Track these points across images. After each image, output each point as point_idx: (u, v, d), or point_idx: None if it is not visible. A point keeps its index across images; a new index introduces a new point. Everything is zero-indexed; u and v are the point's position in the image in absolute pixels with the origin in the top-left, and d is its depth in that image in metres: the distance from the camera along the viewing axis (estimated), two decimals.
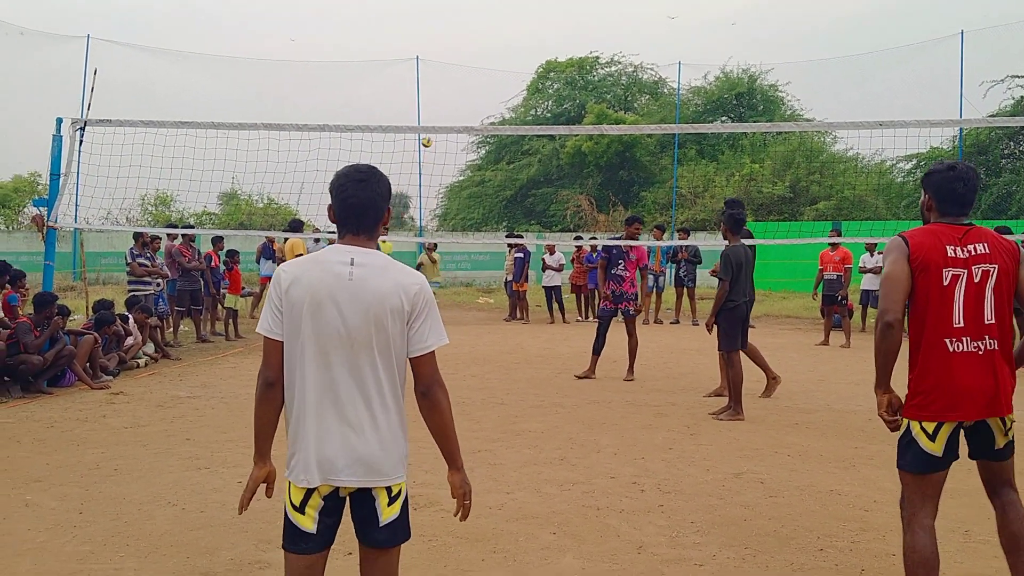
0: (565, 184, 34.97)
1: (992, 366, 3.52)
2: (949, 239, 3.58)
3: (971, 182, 3.66)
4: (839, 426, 7.94)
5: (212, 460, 6.46)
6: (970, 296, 3.52)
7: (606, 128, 22.32)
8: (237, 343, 14.49)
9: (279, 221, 31.11)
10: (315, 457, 2.94)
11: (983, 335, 3.52)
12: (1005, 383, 3.53)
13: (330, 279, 2.87)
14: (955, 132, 28.32)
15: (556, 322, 18.62)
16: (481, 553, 4.54)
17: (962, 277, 3.53)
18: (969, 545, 4.72)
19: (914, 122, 9.94)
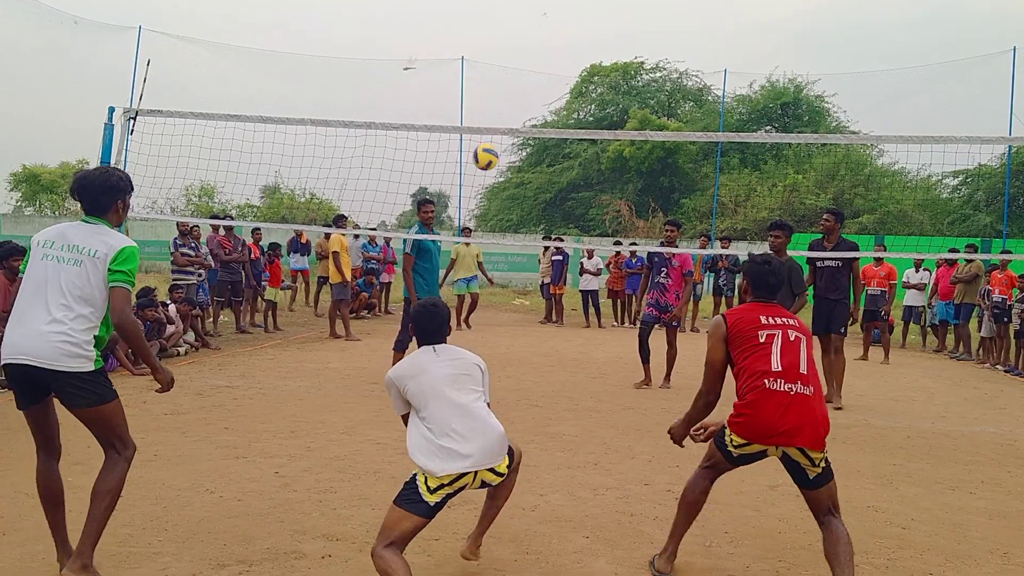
0: (605, 189, 34.92)
1: (803, 407, 4.07)
2: (762, 312, 4.30)
3: (780, 275, 4.44)
4: (878, 442, 7.84)
5: (250, 450, 6.53)
6: (785, 350, 4.13)
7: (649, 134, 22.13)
8: (276, 335, 14.63)
9: (320, 216, 31.39)
10: None
11: (797, 380, 4.07)
12: (816, 423, 4.10)
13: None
14: (1003, 149, 27.85)
15: (592, 326, 18.58)
16: (514, 554, 4.55)
17: (778, 335, 4.18)
18: (1008, 567, 4.64)
19: (963, 138, 9.74)
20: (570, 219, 35.49)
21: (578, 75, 39.29)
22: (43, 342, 3.88)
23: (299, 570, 4.23)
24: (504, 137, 32.36)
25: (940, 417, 9.31)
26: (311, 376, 10.34)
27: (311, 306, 18.71)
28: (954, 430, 8.58)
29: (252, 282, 14.83)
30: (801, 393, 4.08)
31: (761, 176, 31.96)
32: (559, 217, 36.06)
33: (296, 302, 19.15)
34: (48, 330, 3.90)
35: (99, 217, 4.17)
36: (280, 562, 4.32)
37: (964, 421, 9.12)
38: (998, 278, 14.24)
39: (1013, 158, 27.79)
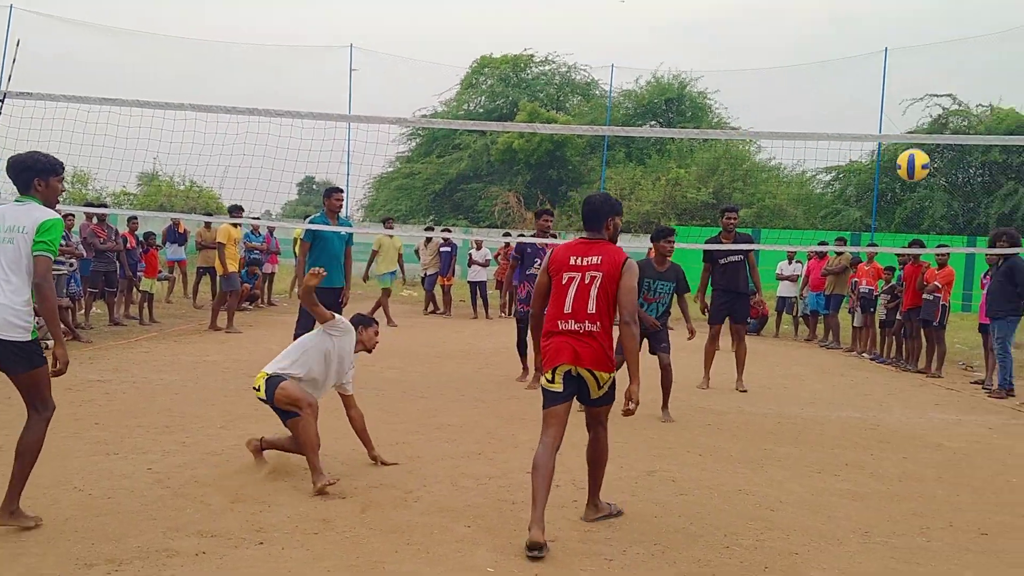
0: (494, 180, 35.03)
1: (587, 340, 4.82)
2: (576, 251, 5.00)
3: (591, 209, 5.11)
4: (749, 428, 8.14)
5: (121, 446, 6.32)
6: (579, 292, 4.86)
7: (538, 126, 22.39)
8: (152, 327, 14.16)
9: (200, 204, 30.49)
10: None
11: (584, 320, 4.83)
12: (598, 349, 4.82)
13: None
14: (874, 147, 29.21)
15: (479, 318, 18.66)
16: (394, 545, 4.55)
17: (576, 278, 4.90)
18: (868, 546, 4.89)
19: (835, 135, 10.21)
20: (459, 210, 35.48)
21: (469, 66, 39.29)
22: None
23: (171, 568, 4.12)
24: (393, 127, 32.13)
25: (809, 403, 9.73)
26: (188, 369, 10.06)
27: (189, 298, 18.18)
28: (821, 416, 8.98)
29: (127, 272, 14.31)
30: (588, 330, 4.83)
31: (646, 170, 32.63)
32: (448, 208, 36.00)
33: (174, 293, 18.57)
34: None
35: (28, 196, 4.72)
36: (151, 560, 4.20)
37: (831, 407, 9.55)
38: (865, 270, 14.93)
39: (882, 155, 29.17)
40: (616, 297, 4.84)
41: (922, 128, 29.95)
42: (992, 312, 10.89)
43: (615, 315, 4.88)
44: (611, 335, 4.88)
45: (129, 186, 32.96)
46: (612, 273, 4.85)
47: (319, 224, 9.75)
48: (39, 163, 4.76)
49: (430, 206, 36.13)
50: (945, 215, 28.45)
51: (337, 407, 8.12)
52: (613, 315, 4.89)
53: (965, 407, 10.08)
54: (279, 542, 4.50)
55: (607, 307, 4.86)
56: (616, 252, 4.94)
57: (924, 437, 8.11)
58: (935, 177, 30.53)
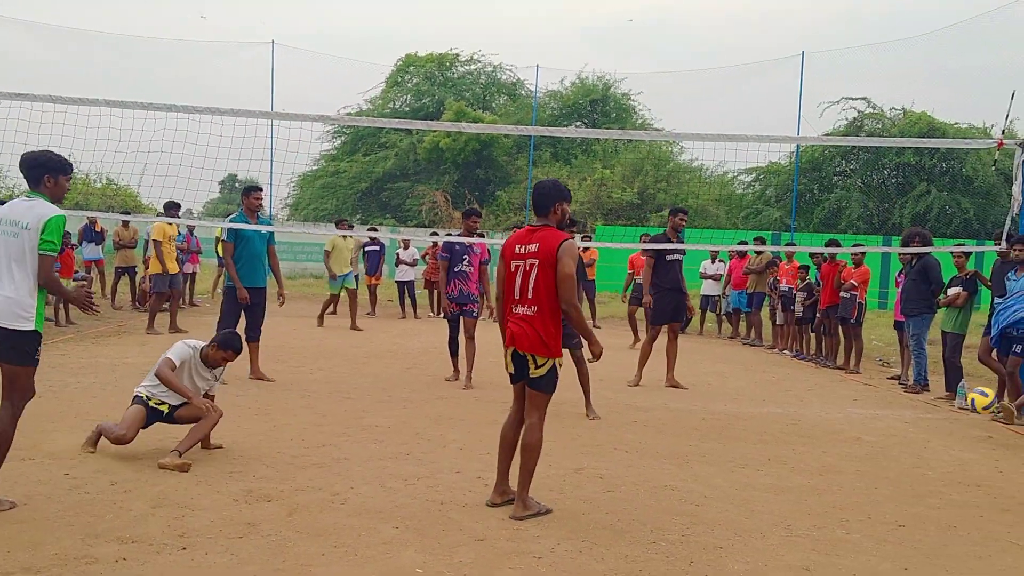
0: (422, 179, 34.88)
1: (524, 324, 5.20)
2: (522, 240, 5.34)
3: (539, 194, 5.38)
4: (675, 424, 8.26)
5: (37, 451, 6.11)
6: (524, 279, 5.23)
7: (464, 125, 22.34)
8: (68, 329, 13.74)
9: (118, 202, 29.69)
10: None
11: (526, 304, 5.22)
12: (532, 333, 5.17)
13: None
14: (792, 148, 29.89)
15: (407, 317, 18.56)
16: (321, 548, 4.49)
17: (522, 265, 5.26)
18: (790, 539, 5.01)
19: (755, 137, 10.42)
20: (387, 209, 35.23)
21: (394, 64, 39.03)
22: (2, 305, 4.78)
23: (90, 575, 4.01)
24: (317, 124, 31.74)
25: (733, 400, 9.92)
26: (106, 372, 9.78)
27: (107, 298, 17.68)
28: (745, 412, 9.16)
29: None
30: (527, 313, 5.22)
31: (571, 170, 32.85)
32: (375, 207, 35.72)
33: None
34: (2, 295, 4.82)
35: (36, 191, 5.06)
36: (70, 567, 4.08)
37: (754, 403, 9.75)
38: (785, 269, 15.27)
39: (801, 157, 29.86)
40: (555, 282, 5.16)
41: (838, 131, 30.76)
42: (907, 310, 11.25)
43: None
44: (552, 319, 5.18)
45: None
46: (548, 259, 5.14)
47: (239, 223, 9.60)
48: (52, 161, 5.11)
49: (356, 205, 35.80)
50: (861, 215, 29.26)
51: (262, 409, 8.01)
52: (555, 299, 5.18)
53: (882, 402, 10.39)
54: (202, 547, 4.41)
55: (545, 292, 5.16)
56: (553, 238, 5.17)
57: (843, 432, 8.33)
58: (851, 178, 31.40)
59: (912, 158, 29.59)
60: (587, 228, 27.54)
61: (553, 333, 5.22)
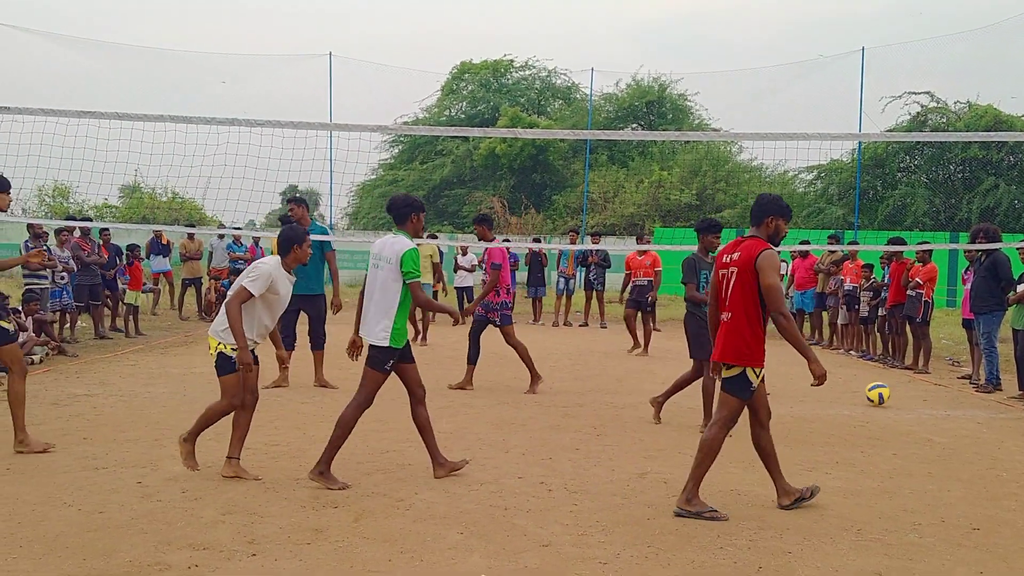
0: (478, 185, 35.02)
1: (726, 329, 5.43)
2: (729, 249, 5.54)
3: (756, 205, 5.56)
4: (739, 429, 8.10)
5: (109, 460, 6.27)
6: (726, 287, 5.44)
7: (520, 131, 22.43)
8: (138, 340, 14.07)
9: (183, 216, 30.35)
10: None
11: (726, 310, 5.42)
12: (727, 341, 5.40)
13: None
14: (854, 145, 29.35)
15: (467, 324, 18.59)
16: (388, 553, 4.53)
17: (727, 275, 5.44)
18: (861, 543, 4.91)
19: (816, 135, 10.26)
20: (444, 216, 35.43)
21: (448, 72, 39.27)
22: None
23: None
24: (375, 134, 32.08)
25: (799, 402, 9.75)
26: (175, 382, 10.00)
27: (175, 309, 18.09)
28: (811, 414, 9.01)
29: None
30: (725, 320, 5.45)
31: (628, 173, 32.68)
32: (433, 214, 35.91)
33: (159, 305, 18.47)
34: None
35: (401, 230, 6.07)
36: (143, 575, 4.17)
37: (820, 405, 9.57)
38: (849, 268, 14.98)
39: (863, 153, 29.30)
40: None
41: (901, 126, 30.15)
42: (976, 307, 10.96)
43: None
44: (749, 326, 5.36)
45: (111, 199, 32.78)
46: (746, 268, 5.35)
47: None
48: (415, 203, 5.98)
49: None
50: (927, 211, 28.62)
51: (327, 415, 8.10)
52: (752, 306, 5.39)
53: (953, 402, 10.13)
54: (272, 553, 4.48)
55: (741, 300, 5.38)
56: (753, 248, 5.40)
57: (913, 433, 8.14)
58: (915, 174, 30.73)
59: (979, 152, 28.85)
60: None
61: (748, 340, 5.33)
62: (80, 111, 9.15)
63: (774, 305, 5.27)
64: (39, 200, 32.05)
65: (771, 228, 5.47)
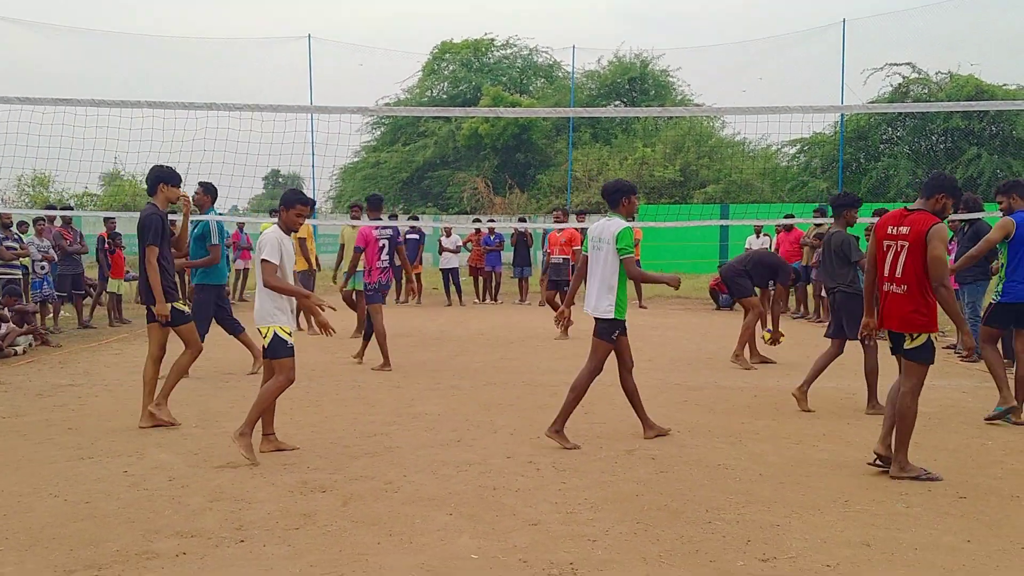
0: (462, 166, 34.94)
1: (898, 301, 5.65)
2: (894, 220, 5.73)
3: (930, 179, 5.79)
4: (726, 403, 8.18)
5: (95, 450, 6.24)
6: (894, 259, 5.65)
7: (502, 111, 22.34)
8: (121, 328, 13.99)
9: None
10: None
11: (897, 283, 5.63)
12: (903, 312, 5.62)
13: None
14: (837, 118, 29.38)
15: (453, 304, 18.60)
16: (377, 536, 4.52)
17: (893, 247, 5.66)
18: (849, 514, 4.93)
19: (799, 108, 10.31)
20: (428, 198, 35.35)
21: (429, 52, 39.06)
22: None
23: (151, 570, 4.07)
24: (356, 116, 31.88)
25: (784, 375, 9.78)
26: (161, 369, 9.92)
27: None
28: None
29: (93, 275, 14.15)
30: (896, 292, 5.68)
31: (612, 150, 32.66)
32: (417, 196, 35.85)
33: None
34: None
35: (615, 212, 6.61)
36: (132, 563, 4.15)
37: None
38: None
39: (846, 126, 29.35)
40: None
41: (883, 98, 30.19)
42: (961, 277, 10.98)
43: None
44: (923, 296, 5.57)
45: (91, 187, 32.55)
46: (918, 241, 5.56)
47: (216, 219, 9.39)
48: (626, 186, 6.64)
49: (398, 195, 35.95)
50: (910, 183, 28.71)
51: (314, 400, 8.08)
52: (925, 278, 5.58)
53: (938, 372, 10.15)
54: (260, 539, 4.46)
55: (914, 272, 5.57)
56: (924, 222, 5.59)
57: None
58: (898, 145, 30.80)
59: (961, 122, 28.94)
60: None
61: (925, 310, 5.58)
62: (56, 99, 9.06)
63: (938, 276, 5.50)
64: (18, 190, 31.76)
65: (939, 204, 5.69)
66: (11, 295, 11.59)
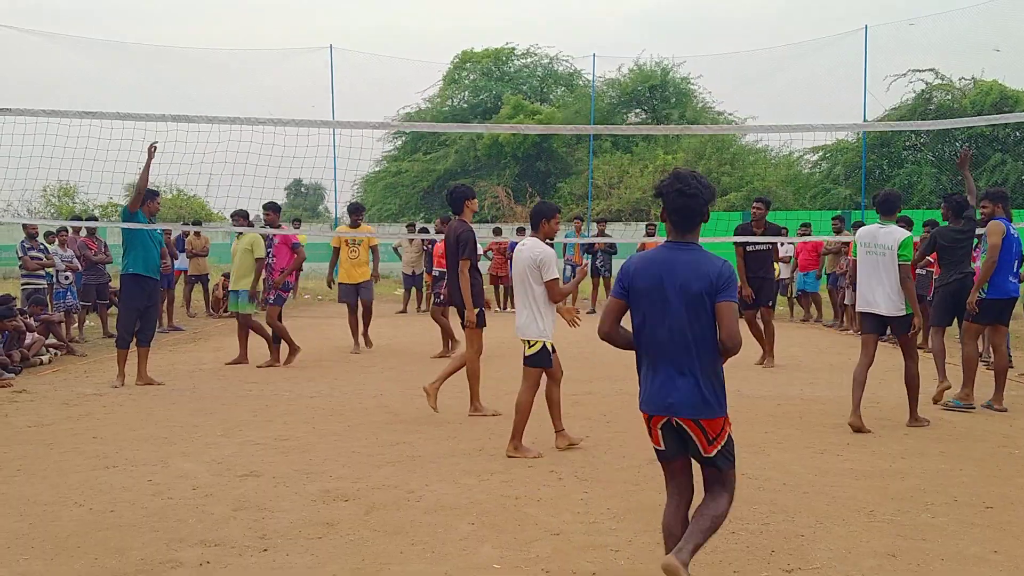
0: (482, 175, 34.96)
1: None
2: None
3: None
4: (749, 412, 8.13)
5: (120, 459, 6.28)
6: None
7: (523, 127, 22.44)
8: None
9: (188, 213, 30.38)
10: None
11: None
12: None
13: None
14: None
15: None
16: (399, 546, 4.53)
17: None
18: (874, 524, 4.89)
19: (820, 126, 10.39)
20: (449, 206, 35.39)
21: (450, 62, 39.15)
22: None
23: None
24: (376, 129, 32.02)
25: (808, 384, 9.72)
26: (184, 378, 10.02)
27: (183, 306, 18.09)
28: (821, 395, 8.98)
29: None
30: None
31: (633, 158, 32.60)
32: (438, 205, 35.84)
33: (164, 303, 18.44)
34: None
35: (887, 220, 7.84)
36: (156, 572, 4.18)
37: (831, 386, 9.53)
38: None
39: (868, 134, 29.15)
40: None
41: (906, 104, 29.97)
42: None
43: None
44: None
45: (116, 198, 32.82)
46: None
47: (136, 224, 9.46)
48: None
49: (420, 204, 36.05)
50: (934, 189, 28.47)
51: (336, 409, 8.10)
52: None
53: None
54: (283, 548, 4.48)
55: None
56: None
57: (924, 412, 8.10)
58: (921, 152, 30.55)
59: (985, 128, 28.63)
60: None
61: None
62: (81, 112, 9.17)
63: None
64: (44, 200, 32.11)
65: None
66: (36, 304, 11.71)
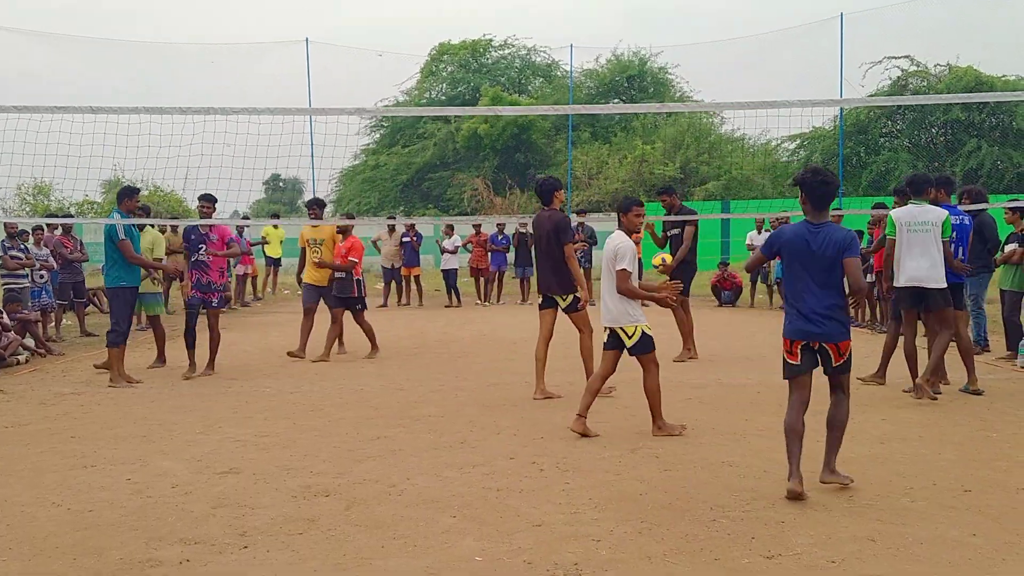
0: (461, 167, 34.93)
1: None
2: None
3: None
4: (729, 400, 8.16)
5: (98, 458, 6.22)
6: None
7: (500, 109, 22.30)
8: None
9: (165, 208, 30.15)
10: None
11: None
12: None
13: None
14: (836, 112, 29.35)
15: (453, 306, 18.58)
16: (380, 540, 4.51)
17: None
18: (854, 509, 4.92)
19: (797, 102, 10.20)
20: (428, 199, 35.34)
21: (427, 54, 39.04)
22: None
23: None
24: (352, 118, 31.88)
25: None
26: (162, 376, 9.95)
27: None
28: None
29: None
30: None
31: (611, 149, 32.63)
32: (417, 198, 35.84)
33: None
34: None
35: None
36: (135, 571, 4.14)
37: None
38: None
39: (845, 120, 29.31)
40: None
41: (882, 91, 30.14)
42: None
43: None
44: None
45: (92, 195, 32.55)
46: None
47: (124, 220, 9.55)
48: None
49: (399, 197, 35.96)
50: None
51: (316, 404, 8.07)
52: None
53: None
54: (264, 545, 4.45)
55: None
56: None
57: (903, 397, 8.17)
58: (898, 139, 30.74)
59: (960, 114, 28.90)
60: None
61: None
62: (53, 107, 9.04)
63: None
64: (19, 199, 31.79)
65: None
66: (12, 301, 11.59)
